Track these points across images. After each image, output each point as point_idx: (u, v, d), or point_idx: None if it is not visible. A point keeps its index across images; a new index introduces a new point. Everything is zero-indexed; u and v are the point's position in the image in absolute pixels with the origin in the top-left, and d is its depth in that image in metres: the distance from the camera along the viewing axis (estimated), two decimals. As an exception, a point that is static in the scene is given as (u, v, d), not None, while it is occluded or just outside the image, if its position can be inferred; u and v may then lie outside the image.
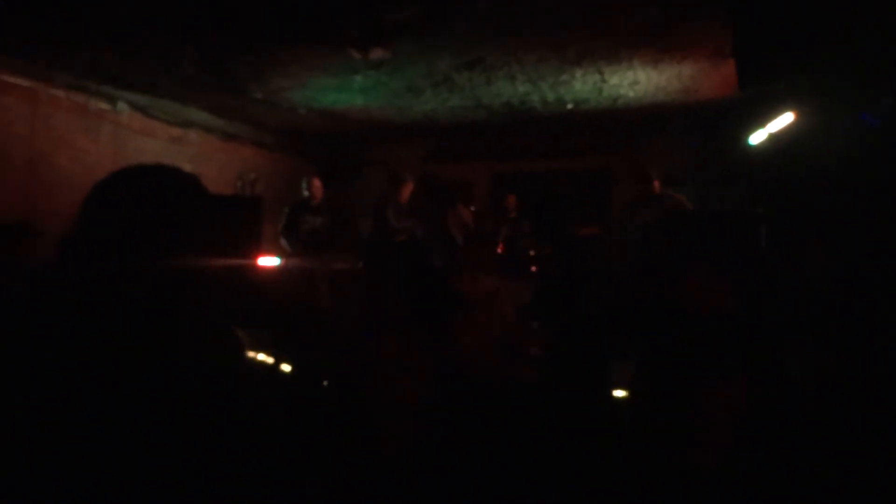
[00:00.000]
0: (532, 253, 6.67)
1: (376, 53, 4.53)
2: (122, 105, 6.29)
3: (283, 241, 6.56)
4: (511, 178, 8.19)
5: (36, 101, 5.49)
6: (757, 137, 6.21)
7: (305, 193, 6.64)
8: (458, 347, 2.91)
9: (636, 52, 4.90)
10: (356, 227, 7.29)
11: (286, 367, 3.02)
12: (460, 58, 5.05)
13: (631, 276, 5.26)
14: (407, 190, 6.27)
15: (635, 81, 5.71)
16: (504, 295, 3.37)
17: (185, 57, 4.85)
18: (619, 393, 3.29)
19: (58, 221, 5.23)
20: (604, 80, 5.71)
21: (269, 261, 5.91)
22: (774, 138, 5.85)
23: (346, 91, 6.09)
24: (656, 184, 5.63)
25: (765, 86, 4.25)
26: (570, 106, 6.60)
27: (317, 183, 6.70)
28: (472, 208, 6.89)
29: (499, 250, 6.70)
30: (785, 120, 5.63)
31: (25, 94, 5.40)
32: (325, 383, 2.78)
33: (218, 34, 4.46)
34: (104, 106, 6.14)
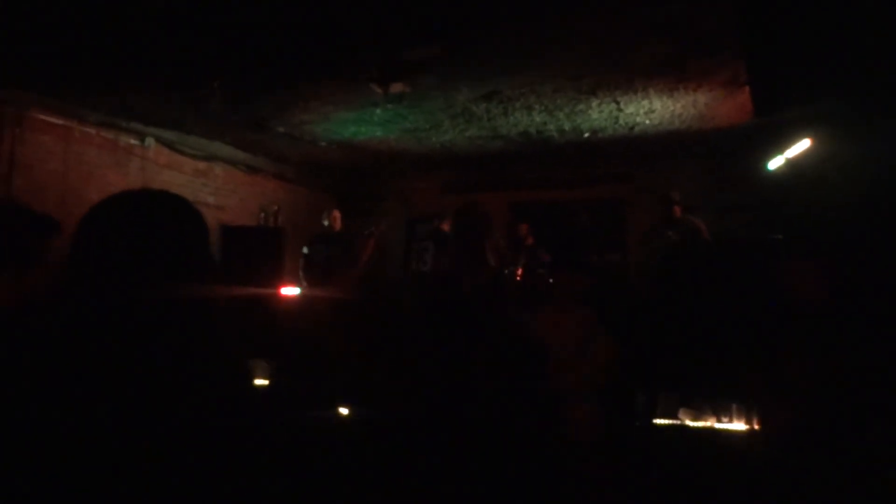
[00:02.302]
0: (550, 281, 6.69)
1: (396, 88, 4.66)
2: (149, 140, 6.49)
3: (300, 276, 6.65)
4: (528, 207, 8.25)
5: (69, 139, 5.70)
6: (775, 163, 6.23)
7: (325, 223, 6.75)
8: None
9: (651, 82, 4.98)
10: (378, 258, 7.33)
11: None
12: (478, 90, 5.17)
13: (651, 302, 5.25)
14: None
15: (651, 110, 5.79)
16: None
17: (212, 95, 5.02)
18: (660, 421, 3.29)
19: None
20: (620, 109, 5.79)
21: (290, 291, 6.00)
22: (792, 164, 5.87)
23: (365, 124, 6.23)
24: (677, 209, 5.67)
25: (780, 113, 4.28)
26: (586, 135, 6.68)
27: (336, 214, 6.82)
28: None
29: (517, 278, 6.74)
30: (802, 146, 5.65)
31: (60, 132, 5.61)
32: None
33: (243, 72, 4.62)
34: (133, 141, 6.34)
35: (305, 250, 6.70)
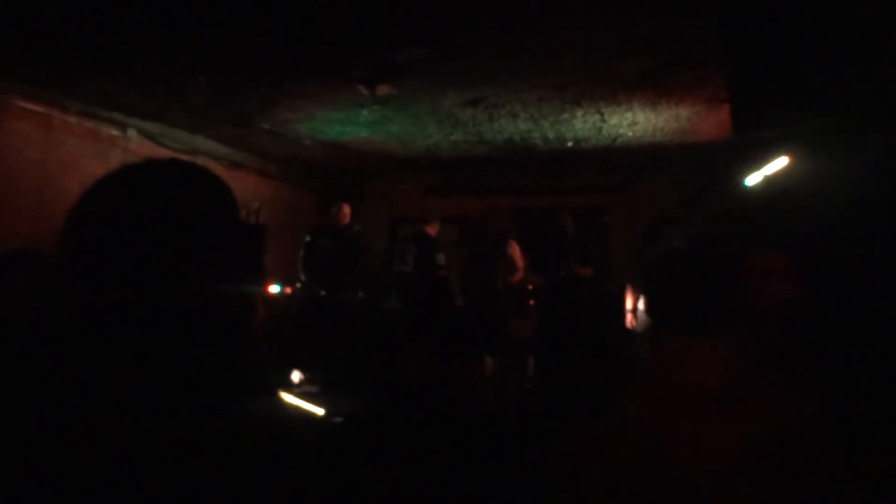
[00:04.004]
0: (530, 287, 6.74)
1: (383, 90, 4.67)
2: (131, 132, 6.42)
3: (299, 268, 6.56)
4: (511, 213, 8.30)
5: (49, 127, 5.62)
6: (753, 179, 6.34)
7: (334, 215, 6.69)
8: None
9: (634, 95, 5.05)
10: (363, 258, 7.31)
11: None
12: (464, 95, 5.20)
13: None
14: (436, 228, 6.55)
15: (634, 122, 5.86)
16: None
17: (195, 89, 4.99)
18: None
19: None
20: (603, 120, 5.86)
21: (272, 289, 5.98)
22: (769, 181, 5.98)
23: (351, 124, 6.23)
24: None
25: (759, 131, 4.36)
26: (570, 144, 6.74)
27: (345, 209, 6.75)
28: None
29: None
30: (779, 163, 5.76)
31: (39, 120, 5.52)
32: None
33: (228, 67, 4.59)
34: (115, 132, 6.27)
35: (308, 239, 6.63)
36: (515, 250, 6.35)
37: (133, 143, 6.48)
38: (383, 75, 4.45)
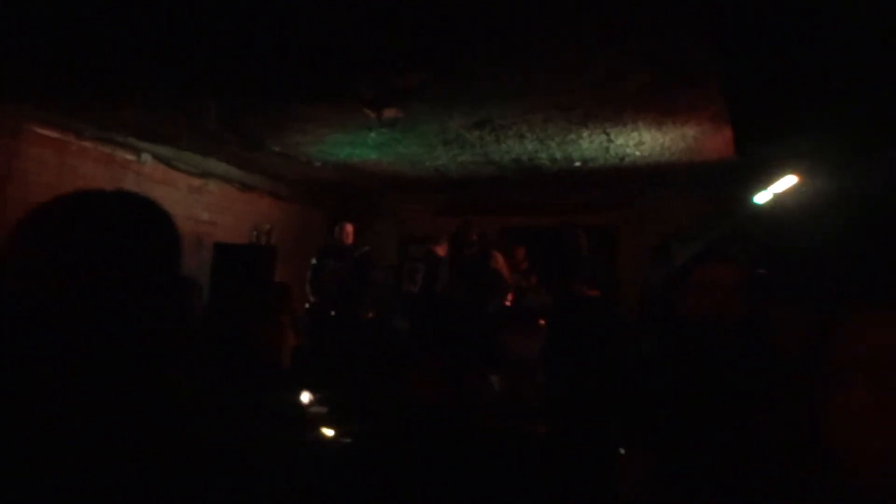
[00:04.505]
0: (539, 305, 6.74)
1: (389, 113, 4.75)
2: (145, 156, 6.56)
3: (308, 289, 6.60)
4: (520, 232, 8.34)
5: (65, 152, 5.75)
6: (761, 198, 6.34)
7: (337, 237, 6.75)
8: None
9: (639, 115, 5.08)
10: (371, 278, 7.35)
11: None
12: (470, 118, 5.26)
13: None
14: (446, 248, 6.56)
15: (640, 142, 5.89)
16: None
17: (208, 113, 5.09)
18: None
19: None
20: (610, 140, 5.89)
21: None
22: (778, 199, 5.97)
23: (360, 146, 6.31)
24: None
25: (762, 150, 4.38)
26: (577, 164, 6.78)
27: (348, 228, 6.81)
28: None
29: (507, 303, 6.78)
30: (788, 181, 5.76)
31: (56, 145, 5.66)
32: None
33: (239, 92, 4.69)
34: (129, 156, 6.40)
35: (314, 261, 6.69)
36: (499, 262, 6.33)
37: (147, 166, 6.61)
38: (389, 99, 4.52)
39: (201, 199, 7.33)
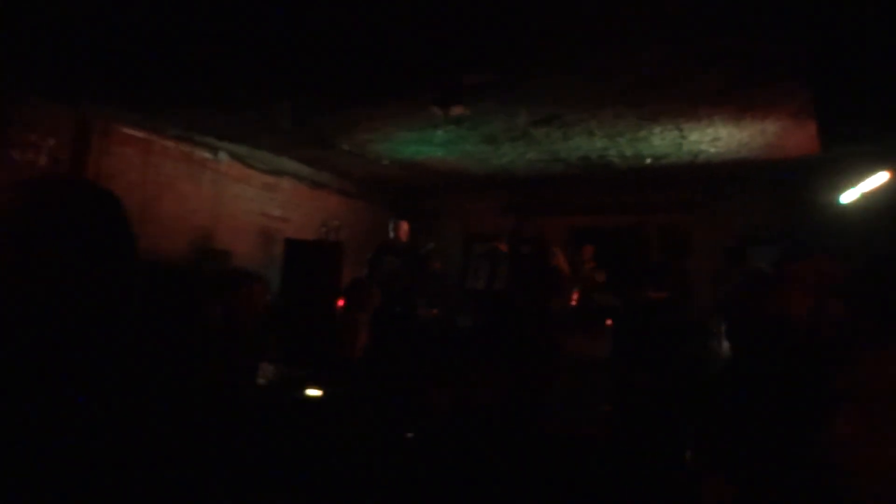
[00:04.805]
0: (607, 306, 6.59)
1: (456, 111, 4.75)
2: (222, 154, 6.83)
3: (371, 288, 6.70)
4: (588, 231, 8.18)
5: (149, 151, 6.07)
6: (848, 197, 5.97)
7: (391, 235, 6.84)
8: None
9: (716, 110, 4.88)
10: (434, 274, 7.38)
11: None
12: (537, 114, 5.20)
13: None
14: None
15: (716, 138, 5.66)
16: None
17: (282, 114, 5.25)
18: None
19: (163, 260, 5.68)
20: (683, 137, 5.69)
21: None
22: (867, 198, 5.61)
23: (427, 144, 6.36)
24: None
25: (851, 146, 4.12)
26: (648, 161, 6.59)
27: (404, 226, 6.89)
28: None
29: (573, 302, 6.67)
30: (879, 179, 5.40)
31: (140, 145, 5.98)
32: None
33: (312, 93, 4.81)
34: (207, 155, 6.69)
35: (370, 258, 6.81)
36: (560, 259, 6.21)
37: (223, 164, 6.88)
38: (456, 97, 4.53)
39: (274, 196, 7.57)
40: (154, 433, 0.89)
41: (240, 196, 7.09)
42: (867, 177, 5.50)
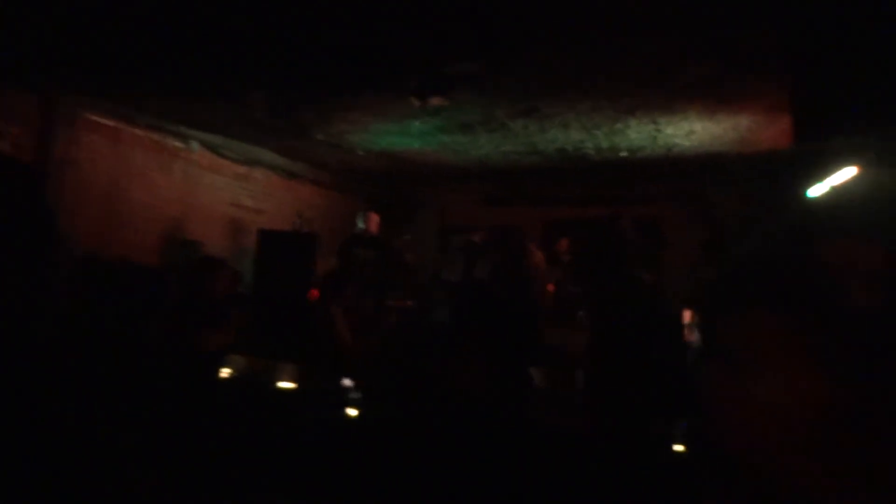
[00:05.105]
0: (579, 298, 6.63)
1: (435, 101, 4.72)
2: (194, 144, 6.69)
3: (343, 279, 6.65)
4: (563, 224, 8.21)
5: (118, 139, 5.91)
6: (816, 190, 6.08)
7: (361, 226, 6.79)
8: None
9: (691, 104, 4.93)
10: (407, 266, 7.36)
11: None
12: (516, 106, 5.19)
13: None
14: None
15: (691, 131, 5.72)
16: None
17: (255, 103, 5.15)
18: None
19: (132, 251, 5.55)
20: (658, 130, 5.74)
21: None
22: (836, 192, 5.72)
23: (404, 135, 6.30)
24: None
25: (824, 141, 4.19)
26: (624, 154, 6.63)
27: (374, 217, 6.85)
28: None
29: (550, 294, 6.70)
30: (847, 173, 5.50)
31: (109, 133, 5.82)
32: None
33: (287, 82, 4.73)
34: (178, 144, 6.54)
35: (339, 250, 6.73)
36: (537, 258, 6.27)
37: (195, 154, 6.74)
38: (436, 88, 4.49)
39: (247, 187, 7.45)
40: (104, 423, 0.85)
41: (212, 186, 6.95)
42: (835, 171, 5.61)
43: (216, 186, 7.00)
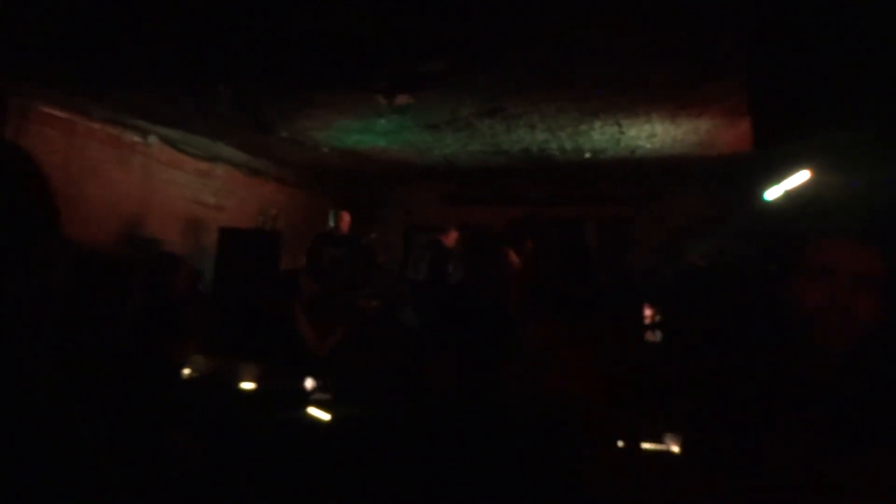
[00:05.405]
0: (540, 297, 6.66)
1: (401, 100, 4.69)
2: (152, 138, 6.51)
3: (303, 278, 6.59)
4: (526, 223, 8.25)
5: (72, 133, 5.72)
6: (772, 193, 6.26)
7: (331, 225, 6.73)
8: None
9: (654, 107, 5.01)
10: (377, 265, 7.30)
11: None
12: (482, 106, 5.20)
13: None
14: (453, 238, 6.54)
15: (653, 134, 5.82)
16: None
17: (218, 97, 5.04)
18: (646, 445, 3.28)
19: (87, 248, 5.38)
20: (622, 132, 5.82)
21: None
22: (790, 195, 5.89)
23: (369, 133, 6.26)
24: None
25: (781, 145, 4.32)
26: (587, 155, 6.71)
27: (346, 216, 6.79)
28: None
29: (519, 295, 6.72)
30: (801, 177, 5.68)
31: (63, 126, 5.62)
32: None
33: (251, 77, 4.64)
34: (136, 139, 6.36)
35: (310, 248, 6.66)
36: (511, 255, 6.32)
37: (154, 149, 6.57)
38: (402, 86, 4.47)
39: (208, 183, 7.29)
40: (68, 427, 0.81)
41: (171, 182, 6.78)
42: (790, 174, 5.78)
43: (176, 182, 6.84)
